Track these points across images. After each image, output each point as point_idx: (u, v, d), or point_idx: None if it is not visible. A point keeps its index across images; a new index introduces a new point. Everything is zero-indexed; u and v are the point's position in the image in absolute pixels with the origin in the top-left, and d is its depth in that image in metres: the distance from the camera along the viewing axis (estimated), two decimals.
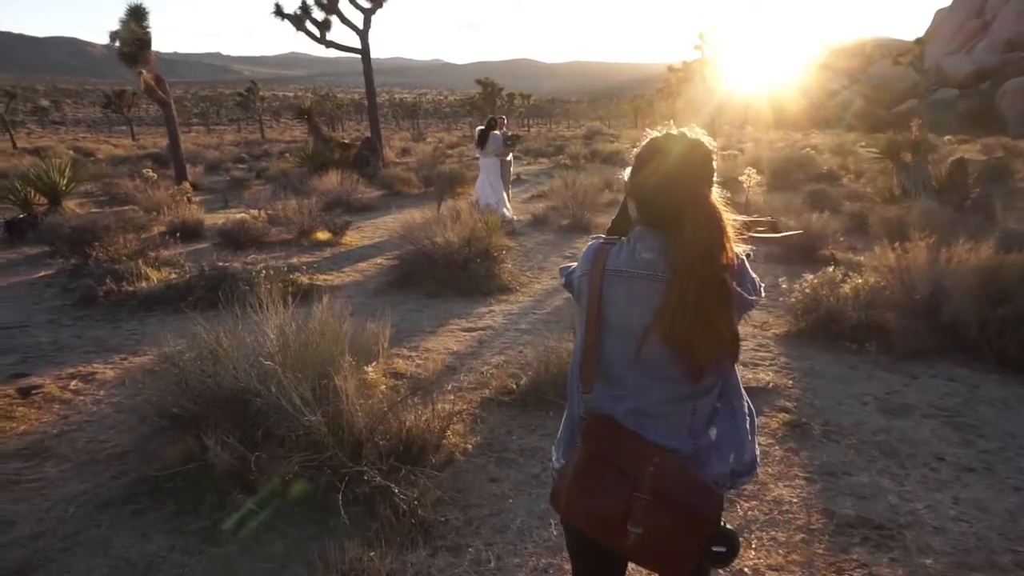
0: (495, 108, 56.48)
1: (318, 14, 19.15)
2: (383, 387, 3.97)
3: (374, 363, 4.01)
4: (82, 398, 4.43)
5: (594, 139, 36.22)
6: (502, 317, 6.14)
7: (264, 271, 6.56)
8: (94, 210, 11.94)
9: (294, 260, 8.54)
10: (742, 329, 1.60)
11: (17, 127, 52.84)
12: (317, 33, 19.08)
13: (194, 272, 6.84)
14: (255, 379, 3.26)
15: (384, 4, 19.82)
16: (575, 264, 1.65)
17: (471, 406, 4.14)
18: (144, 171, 15.23)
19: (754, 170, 14.34)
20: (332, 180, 13.84)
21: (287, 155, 26.07)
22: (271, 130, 63.93)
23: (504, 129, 12.60)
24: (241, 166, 24.31)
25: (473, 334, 5.66)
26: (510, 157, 13.18)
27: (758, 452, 1.61)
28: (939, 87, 56.94)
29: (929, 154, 12.30)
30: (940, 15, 71.27)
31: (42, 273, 8.09)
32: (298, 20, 18.70)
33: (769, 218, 1.91)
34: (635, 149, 1.59)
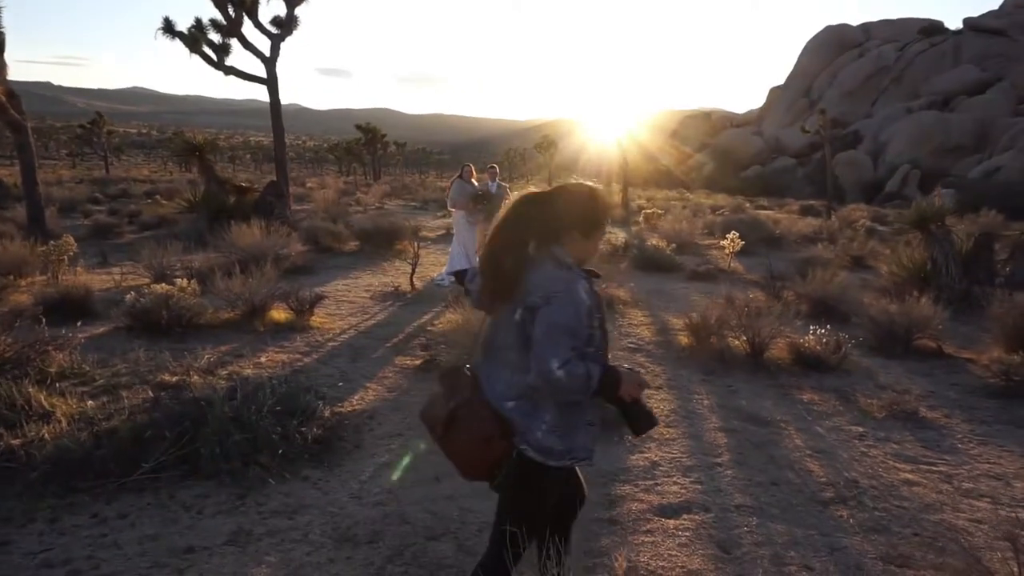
0: (375, 156, 53.74)
1: (215, 36, 16.06)
2: None
3: None
4: None
5: None
6: (683, 476, 3.89)
7: (266, 407, 3.88)
8: None
9: (262, 359, 5.78)
10: None
11: None
12: (215, 57, 15.93)
13: (134, 403, 3.99)
14: None
15: (294, 31, 17.15)
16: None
17: None
18: None
19: (736, 234, 13.23)
20: (252, 232, 10.80)
21: (158, 196, 22.00)
22: (114, 167, 56.44)
23: (477, 180, 10.31)
24: (98, 208, 20.02)
25: (679, 523, 3.36)
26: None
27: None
28: (778, 156, 62.34)
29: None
30: (774, 92, 78.48)
31: None
32: (193, 40, 15.45)
33: None
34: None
